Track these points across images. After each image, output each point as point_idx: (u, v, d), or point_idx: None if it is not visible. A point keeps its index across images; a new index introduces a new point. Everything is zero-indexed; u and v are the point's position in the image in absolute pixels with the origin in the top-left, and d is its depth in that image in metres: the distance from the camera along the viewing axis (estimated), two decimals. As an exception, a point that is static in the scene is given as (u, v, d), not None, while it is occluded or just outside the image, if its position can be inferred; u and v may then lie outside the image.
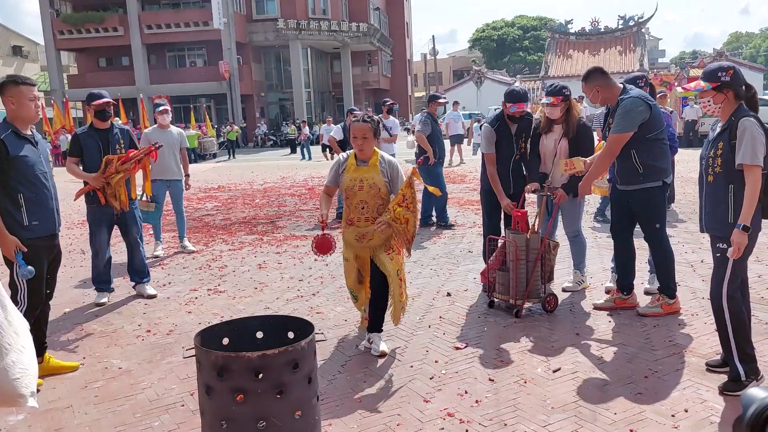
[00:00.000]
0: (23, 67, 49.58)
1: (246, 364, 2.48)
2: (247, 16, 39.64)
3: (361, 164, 4.05)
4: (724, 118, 3.42)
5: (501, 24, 61.19)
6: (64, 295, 5.96)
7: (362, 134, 3.99)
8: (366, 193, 4.01)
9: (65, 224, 10.08)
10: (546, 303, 4.89)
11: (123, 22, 37.52)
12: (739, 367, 3.42)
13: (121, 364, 4.22)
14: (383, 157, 4.09)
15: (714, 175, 3.42)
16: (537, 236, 4.89)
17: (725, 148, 3.35)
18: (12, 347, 2.84)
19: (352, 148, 4.11)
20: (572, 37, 39.04)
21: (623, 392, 3.50)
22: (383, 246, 4.06)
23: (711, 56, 31.43)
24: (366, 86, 48.78)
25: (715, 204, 3.44)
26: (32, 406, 2.92)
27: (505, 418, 3.27)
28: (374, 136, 4.05)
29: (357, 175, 4.03)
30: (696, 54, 52.83)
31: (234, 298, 5.64)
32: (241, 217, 10.18)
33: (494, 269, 5.02)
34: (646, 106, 4.32)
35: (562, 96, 5.04)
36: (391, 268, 4.07)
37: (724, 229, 3.40)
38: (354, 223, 4.07)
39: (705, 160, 3.49)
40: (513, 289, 4.83)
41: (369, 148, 4.04)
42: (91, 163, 5.34)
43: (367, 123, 4.01)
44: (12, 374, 2.80)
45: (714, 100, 3.40)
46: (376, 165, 4.04)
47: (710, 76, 3.40)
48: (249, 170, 19.49)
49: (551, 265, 5.00)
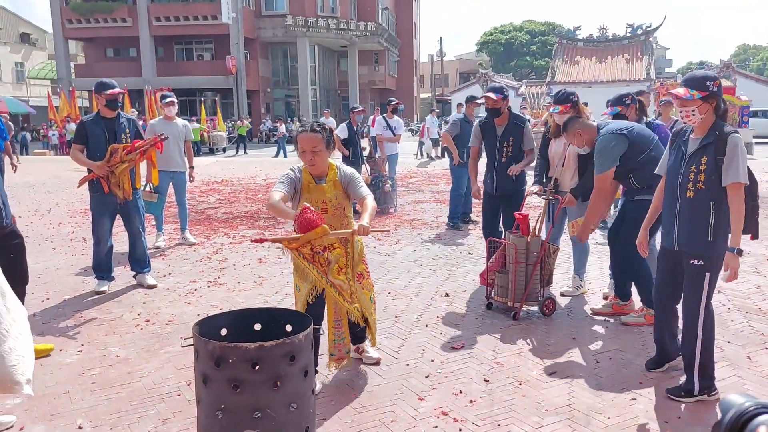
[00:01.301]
0: (31, 54, 49.68)
1: (243, 355, 2.50)
2: (255, 12, 39.69)
3: (320, 182, 3.51)
4: (702, 131, 3.29)
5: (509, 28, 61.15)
6: (65, 283, 5.99)
7: (311, 147, 3.42)
8: (332, 216, 3.48)
9: (67, 212, 10.13)
10: (544, 307, 4.91)
11: (132, 13, 37.58)
12: (696, 382, 3.40)
13: (119, 353, 4.24)
14: (340, 170, 3.58)
15: (695, 191, 3.27)
16: (538, 239, 4.91)
17: (710, 164, 3.22)
18: (9, 334, 2.86)
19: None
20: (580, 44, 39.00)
21: (617, 397, 3.51)
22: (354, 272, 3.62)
23: (718, 67, 31.36)
24: (372, 85, 48.81)
25: (693, 221, 3.31)
26: (27, 393, 2.94)
27: (498, 418, 3.29)
28: (327, 148, 3.47)
29: (318, 197, 3.49)
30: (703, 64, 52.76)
31: (233, 290, 5.67)
32: (243, 212, 10.20)
33: (494, 271, 5.04)
34: (620, 138, 4.31)
35: (570, 103, 5.07)
36: (363, 299, 3.67)
37: (702, 246, 3.30)
38: None
39: (682, 176, 3.33)
40: (512, 291, 4.85)
41: (321, 162, 3.48)
42: (96, 151, 5.36)
43: (316, 133, 3.43)
44: (9, 361, 2.82)
45: (699, 109, 3.24)
46: (336, 180, 3.53)
47: (699, 84, 3.25)
48: (252, 165, 19.52)
49: (550, 269, 5.01)
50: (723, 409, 1.01)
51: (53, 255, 7.20)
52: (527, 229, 5.01)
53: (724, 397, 1.03)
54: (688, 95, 3.23)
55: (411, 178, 14.81)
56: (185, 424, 3.23)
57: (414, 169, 17.44)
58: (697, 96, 3.22)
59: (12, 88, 45.23)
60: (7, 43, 47.42)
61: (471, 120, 8.62)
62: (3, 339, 2.80)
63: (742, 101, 19.35)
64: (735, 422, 0.97)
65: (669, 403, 3.43)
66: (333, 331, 3.66)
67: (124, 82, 25.52)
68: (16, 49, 48.43)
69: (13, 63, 47.33)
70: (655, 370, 3.82)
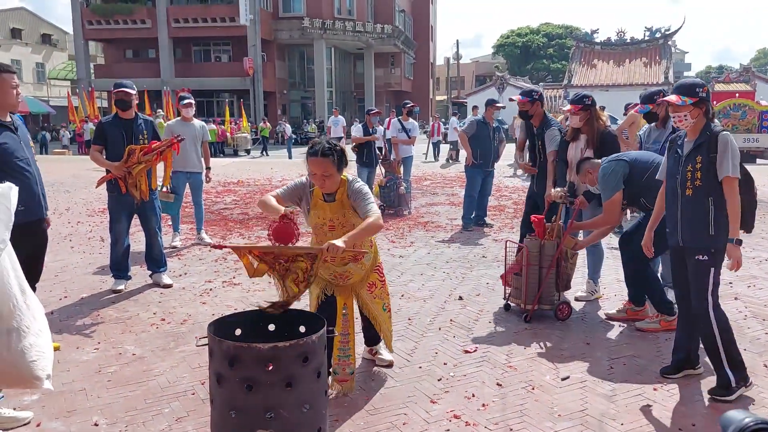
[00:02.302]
0: (51, 55, 50.35)
1: (257, 355, 2.52)
2: (273, 14, 39.92)
3: (329, 200, 3.44)
4: (694, 134, 3.50)
5: (526, 31, 60.90)
6: (82, 281, 6.06)
7: (322, 171, 3.29)
8: (339, 234, 3.34)
9: (85, 211, 10.25)
10: (558, 310, 4.88)
11: (151, 15, 37.95)
12: (730, 374, 3.49)
13: (135, 351, 4.29)
14: (350, 186, 3.43)
15: (693, 189, 3.48)
16: (552, 243, 4.89)
17: (704, 161, 3.43)
18: (30, 330, 2.90)
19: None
20: (597, 47, 38.77)
21: (631, 403, 3.49)
22: (364, 283, 3.64)
23: (737, 71, 31.01)
24: (388, 88, 48.85)
25: (694, 217, 3.50)
26: (47, 388, 2.98)
27: (511, 423, 3.28)
28: (338, 171, 3.35)
29: (326, 215, 3.45)
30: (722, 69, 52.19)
31: (248, 291, 5.70)
32: (259, 213, 10.25)
33: (512, 273, 5.06)
34: (618, 162, 4.53)
35: (582, 104, 5.07)
36: (375, 308, 3.68)
37: (705, 241, 3.48)
38: (327, 261, 3.40)
39: (680, 176, 3.54)
40: (524, 293, 4.86)
41: (332, 184, 3.37)
42: (114, 152, 5.42)
43: (327, 157, 3.27)
44: (29, 356, 2.87)
45: (691, 114, 3.46)
46: (345, 199, 3.42)
47: (689, 91, 3.47)
48: (268, 166, 19.62)
49: (568, 273, 4.99)
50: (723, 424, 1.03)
51: (71, 253, 7.29)
52: (542, 232, 5.01)
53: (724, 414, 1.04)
54: (681, 101, 3.46)
55: (426, 180, 14.80)
56: (199, 423, 3.26)
57: (429, 171, 17.43)
58: (689, 102, 3.45)
59: (33, 88, 45.87)
60: (28, 44, 48.13)
61: (489, 123, 8.63)
62: (23, 335, 2.84)
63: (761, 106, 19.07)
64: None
65: (683, 410, 3.41)
66: (339, 345, 3.55)
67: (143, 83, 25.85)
68: (37, 50, 49.13)
69: (34, 63, 48.01)
70: (671, 376, 3.80)
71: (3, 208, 2.88)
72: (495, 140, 8.71)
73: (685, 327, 3.78)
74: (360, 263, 3.55)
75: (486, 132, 8.54)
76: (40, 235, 4.12)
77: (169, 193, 7.31)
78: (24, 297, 2.94)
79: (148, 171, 5.50)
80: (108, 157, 5.44)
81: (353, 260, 3.47)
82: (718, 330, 3.49)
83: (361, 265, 3.58)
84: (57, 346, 4.30)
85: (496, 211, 10.12)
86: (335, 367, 3.57)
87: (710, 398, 3.52)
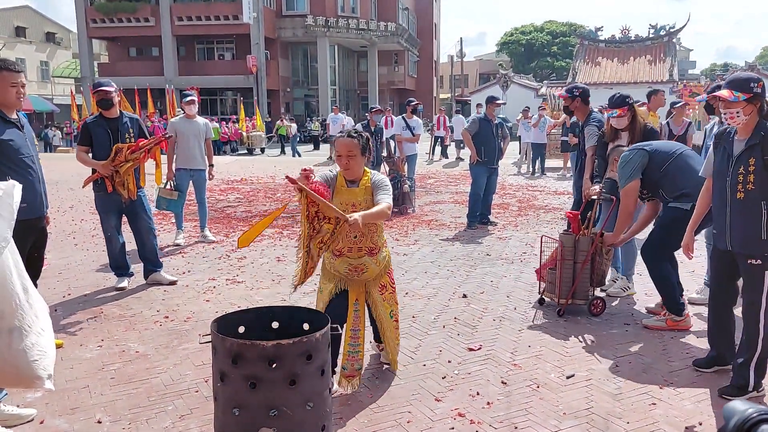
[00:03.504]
0: (55, 53, 50.40)
1: (260, 353, 2.50)
2: (276, 12, 39.89)
3: (352, 186, 3.55)
4: (746, 132, 3.33)
5: (530, 28, 60.75)
6: (85, 279, 6.06)
7: (347, 151, 3.46)
8: None
9: (89, 209, 10.25)
10: (592, 305, 4.92)
11: (155, 13, 37.97)
12: (752, 376, 3.43)
13: (138, 348, 4.28)
14: (374, 176, 3.59)
15: (745, 193, 3.32)
16: (587, 238, 4.91)
17: (758, 164, 3.26)
18: (32, 329, 2.88)
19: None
20: (601, 45, 38.64)
21: (637, 402, 3.47)
22: (377, 281, 3.67)
23: (743, 69, 30.90)
24: (391, 86, 48.80)
25: (745, 222, 3.34)
26: (48, 388, 2.96)
27: (516, 421, 3.26)
28: (362, 155, 3.51)
29: (348, 199, 3.52)
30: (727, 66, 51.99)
31: (252, 288, 5.69)
32: (262, 210, 10.25)
33: (547, 268, 5.11)
34: (638, 152, 4.49)
35: (627, 106, 5.09)
36: (383, 311, 3.70)
37: (757, 246, 3.33)
38: (344, 254, 3.55)
39: (731, 177, 3.37)
40: (557, 288, 4.91)
41: (356, 166, 3.51)
42: (101, 152, 5.34)
43: (353, 138, 3.47)
44: (30, 356, 2.85)
45: (744, 111, 3.28)
46: (368, 186, 3.54)
47: (743, 86, 3.29)
48: (272, 164, 19.62)
49: (602, 269, 5.01)
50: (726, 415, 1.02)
51: (75, 251, 7.29)
52: (577, 227, 5.04)
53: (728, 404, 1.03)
54: (733, 97, 3.28)
55: (430, 179, 14.78)
56: (202, 421, 3.25)
57: (432, 169, 17.40)
58: (742, 98, 3.27)
59: (37, 86, 45.91)
60: (32, 42, 48.19)
61: (491, 120, 8.60)
62: (25, 334, 2.83)
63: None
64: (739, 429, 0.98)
65: (689, 408, 3.38)
66: (349, 341, 3.59)
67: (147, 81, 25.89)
68: (41, 48, 49.18)
69: (38, 62, 48.06)
70: (702, 369, 3.81)
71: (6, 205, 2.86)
72: (498, 137, 8.68)
73: (716, 322, 3.73)
74: (375, 258, 3.60)
75: (489, 129, 8.52)
76: (40, 232, 4.11)
77: (172, 190, 7.30)
78: (26, 296, 2.93)
79: (136, 169, 5.44)
80: (95, 158, 5.37)
81: (369, 253, 3.56)
82: (763, 334, 3.38)
83: (376, 261, 3.61)
84: (60, 343, 4.30)
85: (499, 209, 10.10)
86: (344, 363, 3.59)
87: (720, 397, 3.49)
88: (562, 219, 9.08)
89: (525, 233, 8.25)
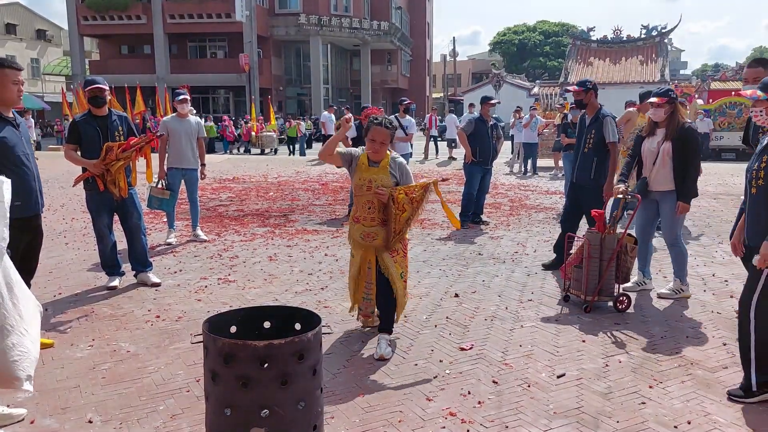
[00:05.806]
0: (46, 51, 50.13)
1: (252, 353, 2.50)
2: (269, 10, 39.83)
3: (373, 165, 4.14)
4: None
5: (523, 28, 60.91)
6: (76, 278, 6.03)
7: (381, 139, 4.09)
8: (373, 195, 4.10)
9: (80, 207, 10.20)
10: (618, 302, 5.00)
11: (146, 11, 37.84)
12: (753, 377, 3.44)
13: (129, 348, 4.27)
14: (394, 159, 4.17)
15: (756, 188, 3.41)
16: (613, 236, 4.97)
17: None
18: (14, 329, 2.85)
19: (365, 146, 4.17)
20: (593, 45, 38.77)
21: (627, 401, 3.49)
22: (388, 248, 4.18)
23: (734, 69, 31.05)
24: (384, 85, 48.85)
25: (755, 216, 3.45)
26: (26, 389, 2.92)
27: (506, 420, 3.28)
28: (390, 142, 4.17)
29: (367, 176, 4.12)
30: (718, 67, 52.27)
31: (243, 288, 5.69)
32: (254, 209, 10.24)
33: (572, 265, 5.17)
34: None
35: (667, 97, 5.04)
36: (394, 271, 4.18)
37: (761, 240, 3.37)
38: (360, 221, 4.18)
39: (749, 173, 3.49)
40: (584, 285, 4.99)
41: (383, 152, 4.13)
42: (90, 150, 5.31)
43: (388, 129, 4.13)
44: (10, 356, 2.82)
45: (767, 111, 3.47)
46: (386, 167, 4.13)
47: (765, 86, 3.46)
48: (264, 163, 19.59)
49: (627, 266, 5.06)
50: None
51: (66, 250, 7.26)
52: (603, 225, 5.07)
53: None
54: (754, 96, 3.46)
55: (422, 178, 14.76)
56: (194, 420, 3.24)
57: (426, 168, 17.42)
58: (763, 97, 3.46)
59: (27, 84, 45.63)
60: (23, 40, 47.90)
61: (486, 120, 8.63)
62: (6, 334, 2.79)
63: (757, 104, 19.10)
64: None
65: (678, 407, 3.41)
66: (363, 289, 4.39)
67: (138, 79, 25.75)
68: (32, 46, 48.90)
69: (29, 59, 47.77)
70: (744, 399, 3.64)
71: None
72: (493, 138, 8.70)
73: None
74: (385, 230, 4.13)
75: (484, 129, 8.55)
76: (35, 230, 4.11)
77: (164, 189, 7.28)
78: (11, 294, 2.89)
79: (127, 168, 5.41)
80: (84, 156, 5.34)
81: (381, 224, 4.13)
82: (755, 332, 3.41)
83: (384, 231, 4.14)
84: (51, 342, 4.29)
85: (492, 208, 10.12)
86: (360, 305, 4.51)
87: (728, 398, 3.48)
88: (554, 218, 9.12)
89: (517, 233, 8.28)
